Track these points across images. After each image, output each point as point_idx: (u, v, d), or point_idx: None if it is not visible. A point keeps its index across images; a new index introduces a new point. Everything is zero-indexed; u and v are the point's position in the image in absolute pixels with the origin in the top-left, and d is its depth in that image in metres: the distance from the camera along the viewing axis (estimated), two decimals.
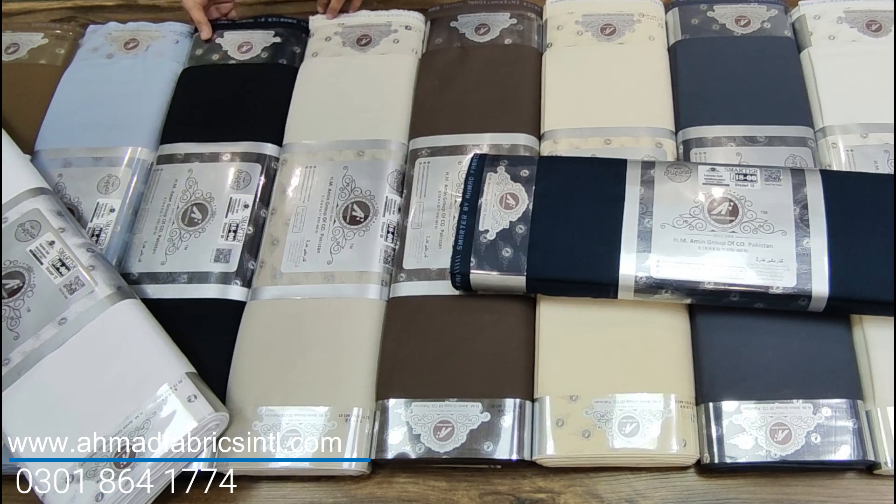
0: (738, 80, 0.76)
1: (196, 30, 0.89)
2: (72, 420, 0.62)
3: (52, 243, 0.67)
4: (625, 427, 0.60)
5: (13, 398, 0.63)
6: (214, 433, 0.62)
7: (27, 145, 0.80)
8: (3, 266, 0.67)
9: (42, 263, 0.67)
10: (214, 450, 0.63)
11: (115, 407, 0.61)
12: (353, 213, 0.73)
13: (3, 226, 0.69)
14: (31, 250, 0.67)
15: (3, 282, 0.67)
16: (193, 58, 0.87)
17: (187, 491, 0.64)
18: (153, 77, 0.85)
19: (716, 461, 0.59)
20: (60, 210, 0.71)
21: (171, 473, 0.61)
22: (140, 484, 0.59)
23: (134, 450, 0.59)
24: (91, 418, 0.61)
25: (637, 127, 0.75)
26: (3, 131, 0.76)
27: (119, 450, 0.60)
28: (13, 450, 0.62)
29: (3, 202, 0.70)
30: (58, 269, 0.66)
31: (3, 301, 0.66)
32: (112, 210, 0.76)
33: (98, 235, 0.74)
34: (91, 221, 0.75)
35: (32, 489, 0.61)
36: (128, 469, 0.59)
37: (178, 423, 0.60)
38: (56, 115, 0.83)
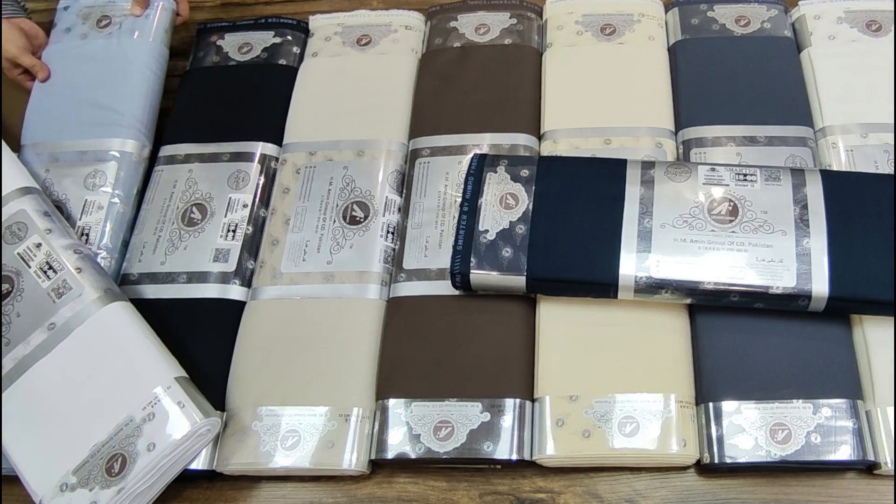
0: (738, 80, 0.76)
1: (198, 32, 0.89)
2: (64, 427, 0.61)
3: (38, 245, 0.66)
4: (625, 427, 0.60)
5: (5, 405, 0.63)
6: (208, 437, 0.62)
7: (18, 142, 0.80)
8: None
9: (30, 267, 0.66)
10: (214, 450, 0.63)
11: (105, 414, 0.61)
12: (353, 213, 0.73)
13: None
14: (18, 253, 0.67)
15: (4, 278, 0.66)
16: (194, 60, 0.87)
17: (187, 491, 0.64)
18: (130, 62, 0.82)
19: (716, 461, 0.59)
20: (47, 210, 0.70)
21: (166, 478, 0.60)
22: (133, 491, 0.59)
23: (126, 457, 0.59)
24: (82, 425, 0.61)
25: (637, 127, 0.75)
26: None
27: (111, 457, 0.59)
28: (8, 458, 0.62)
29: None
30: (45, 272, 0.65)
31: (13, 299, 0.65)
32: (101, 207, 0.75)
33: (87, 234, 0.74)
34: (80, 220, 0.74)
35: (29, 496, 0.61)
36: (120, 477, 0.59)
37: (170, 428, 0.59)
38: (38, 106, 0.82)
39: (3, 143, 0.75)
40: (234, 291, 0.70)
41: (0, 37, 0.80)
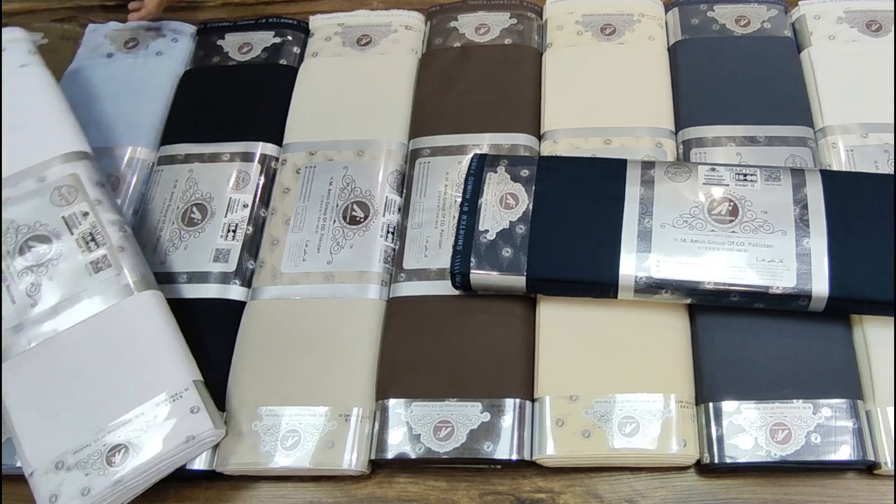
0: (738, 80, 0.76)
1: (198, 32, 0.89)
2: (73, 405, 0.61)
3: (86, 214, 0.65)
4: (625, 427, 0.60)
5: (20, 367, 0.62)
6: (208, 445, 0.62)
7: None
8: (33, 227, 0.65)
9: (73, 234, 0.65)
10: (214, 450, 0.63)
11: (118, 400, 0.60)
12: (353, 213, 0.73)
13: (39, 185, 0.67)
14: (64, 217, 0.66)
15: (30, 244, 0.65)
16: (195, 60, 0.87)
17: (187, 491, 0.64)
18: (153, 76, 0.85)
19: (716, 461, 0.59)
20: (101, 180, 0.69)
21: (160, 476, 0.60)
22: (129, 485, 0.59)
23: (129, 449, 0.59)
24: (93, 407, 0.60)
25: (637, 127, 0.75)
26: (59, 87, 0.75)
27: (115, 447, 0.59)
28: (8, 423, 0.61)
29: (43, 159, 0.68)
30: (87, 243, 0.64)
31: (27, 266, 0.65)
32: None
33: None
34: None
35: (21, 468, 0.61)
36: (119, 468, 0.58)
37: (176, 430, 0.59)
38: None
39: (67, 103, 0.74)
40: (234, 291, 0.70)
41: None
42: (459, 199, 0.69)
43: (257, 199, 0.75)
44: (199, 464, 0.62)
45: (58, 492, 0.59)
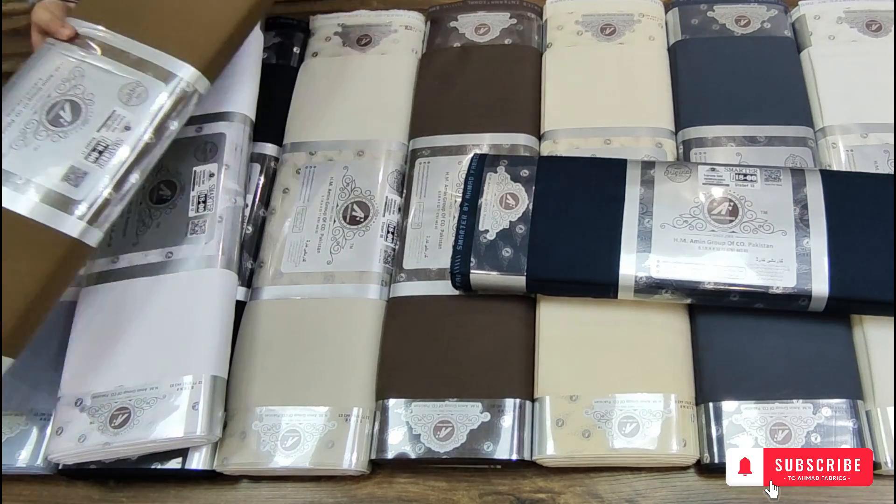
0: (738, 80, 0.76)
1: None
2: (115, 350, 0.62)
3: (211, 175, 0.67)
4: (625, 427, 0.60)
5: (97, 295, 0.64)
6: (199, 445, 0.62)
7: None
8: (164, 170, 0.67)
9: (193, 189, 0.66)
10: (214, 450, 0.63)
11: (146, 365, 0.61)
12: (353, 213, 0.73)
13: (195, 135, 0.69)
14: (195, 171, 0.68)
15: (161, 187, 0.67)
16: None
17: (187, 491, 0.64)
18: None
19: (716, 461, 0.59)
20: (242, 146, 0.70)
21: (147, 452, 0.61)
22: (115, 452, 0.60)
23: (131, 417, 0.59)
24: (128, 360, 0.62)
25: (637, 127, 0.75)
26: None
27: (120, 408, 0.60)
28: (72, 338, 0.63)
29: (208, 111, 0.70)
30: (199, 202, 0.66)
31: (149, 205, 0.67)
32: None
33: None
34: None
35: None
36: (114, 433, 0.59)
37: (171, 421, 0.59)
38: None
39: (256, 65, 0.76)
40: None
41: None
42: (459, 199, 0.69)
43: (257, 199, 0.75)
44: (199, 464, 0.62)
45: (65, 426, 0.60)
